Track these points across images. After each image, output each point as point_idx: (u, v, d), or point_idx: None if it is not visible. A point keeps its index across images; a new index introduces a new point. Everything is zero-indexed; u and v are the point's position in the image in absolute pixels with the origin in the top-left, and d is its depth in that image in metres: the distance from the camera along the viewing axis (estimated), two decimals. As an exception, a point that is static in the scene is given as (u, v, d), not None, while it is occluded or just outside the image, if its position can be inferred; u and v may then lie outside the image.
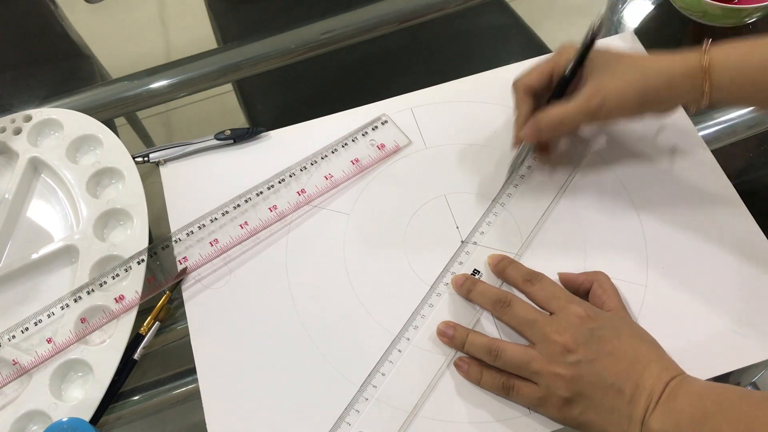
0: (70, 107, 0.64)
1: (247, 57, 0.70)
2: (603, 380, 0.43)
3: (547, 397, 0.45)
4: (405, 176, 0.59)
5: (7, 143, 0.61)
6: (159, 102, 0.67)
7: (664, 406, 0.42)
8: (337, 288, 0.54)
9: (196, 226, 0.56)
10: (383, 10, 0.73)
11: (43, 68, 0.72)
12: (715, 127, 0.62)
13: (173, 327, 0.54)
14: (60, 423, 0.46)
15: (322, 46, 0.70)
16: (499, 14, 0.73)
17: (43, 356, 0.50)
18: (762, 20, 0.67)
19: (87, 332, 0.51)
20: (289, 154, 0.60)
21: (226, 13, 0.79)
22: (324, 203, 0.58)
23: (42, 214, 0.59)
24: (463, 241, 0.55)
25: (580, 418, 0.44)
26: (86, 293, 0.53)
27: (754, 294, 0.52)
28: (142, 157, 0.60)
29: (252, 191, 0.58)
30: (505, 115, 0.61)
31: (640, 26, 0.69)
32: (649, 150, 0.59)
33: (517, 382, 0.46)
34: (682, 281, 0.53)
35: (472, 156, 0.60)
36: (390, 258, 0.55)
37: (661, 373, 0.43)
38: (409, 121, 0.62)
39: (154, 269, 0.54)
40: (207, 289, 0.54)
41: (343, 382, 0.50)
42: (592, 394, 0.43)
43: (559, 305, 0.47)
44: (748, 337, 0.50)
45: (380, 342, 0.51)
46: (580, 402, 0.44)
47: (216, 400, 0.50)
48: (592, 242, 0.55)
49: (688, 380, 0.43)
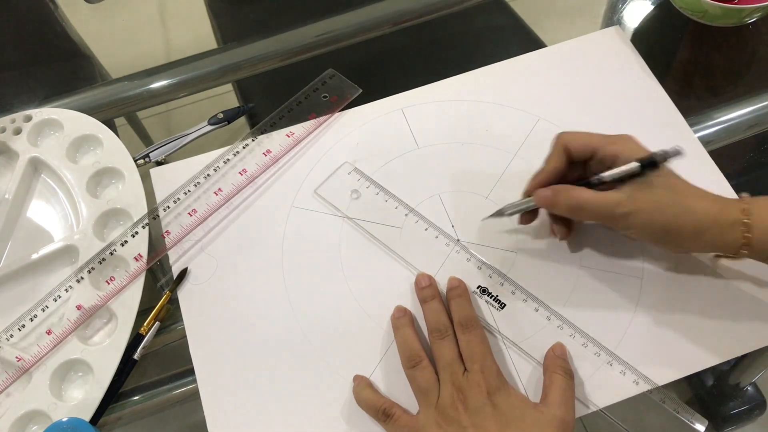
0: (70, 107, 0.64)
1: (247, 57, 0.70)
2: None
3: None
4: (399, 176, 0.59)
5: (7, 143, 0.61)
6: (159, 102, 0.67)
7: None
8: (333, 287, 0.54)
9: (171, 200, 0.58)
10: (383, 10, 0.73)
11: (43, 68, 0.72)
12: (715, 127, 0.62)
13: (173, 327, 0.54)
14: (60, 423, 0.46)
15: (321, 46, 0.70)
16: (499, 14, 0.73)
17: (46, 347, 0.51)
18: (762, 20, 0.67)
19: (84, 319, 0.52)
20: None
21: (226, 13, 0.79)
22: (320, 206, 0.58)
23: (42, 214, 0.59)
24: (458, 240, 0.55)
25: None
26: (76, 281, 0.53)
27: (751, 287, 0.52)
28: (143, 157, 0.60)
29: (218, 160, 0.59)
30: (497, 113, 0.61)
31: (640, 26, 0.69)
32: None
33: (398, 411, 0.47)
34: (679, 276, 0.53)
35: (465, 154, 0.60)
36: (386, 257, 0.55)
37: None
38: (399, 121, 0.62)
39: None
40: (204, 290, 0.54)
41: (340, 381, 0.50)
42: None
43: (472, 367, 0.47)
44: (746, 327, 0.51)
45: (377, 341, 0.51)
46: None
47: (215, 400, 0.50)
48: (588, 242, 0.55)
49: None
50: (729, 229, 0.46)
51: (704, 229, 0.46)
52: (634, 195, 0.46)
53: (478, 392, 0.45)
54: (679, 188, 0.47)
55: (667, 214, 0.46)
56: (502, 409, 0.45)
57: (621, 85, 0.63)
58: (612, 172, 0.47)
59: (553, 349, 0.50)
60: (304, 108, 0.63)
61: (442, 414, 0.45)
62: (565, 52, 0.66)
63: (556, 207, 0.49)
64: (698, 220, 0.46)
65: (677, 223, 0.46)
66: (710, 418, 0.48)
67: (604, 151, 0.48)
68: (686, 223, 0.46)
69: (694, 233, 0.46)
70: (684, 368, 0.49)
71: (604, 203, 0.47)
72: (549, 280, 0.53)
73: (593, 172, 0.49)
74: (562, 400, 0.46)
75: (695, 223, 0.46)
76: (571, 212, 0.49)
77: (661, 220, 0.46)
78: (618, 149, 0.48)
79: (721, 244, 0.47)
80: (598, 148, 0.49)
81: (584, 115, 0.62)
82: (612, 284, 0.53)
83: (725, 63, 0.67)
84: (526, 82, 0.64)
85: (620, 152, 0.47)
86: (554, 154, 0.50)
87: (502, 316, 0.52)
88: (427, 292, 0.52)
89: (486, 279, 0.53)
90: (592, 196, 0.47)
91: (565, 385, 0.47)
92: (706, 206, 0.46)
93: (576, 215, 0.49)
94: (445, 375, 0.47)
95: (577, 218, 0.49)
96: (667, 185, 0.47)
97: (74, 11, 0.78)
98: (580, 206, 0.48)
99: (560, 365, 0.48)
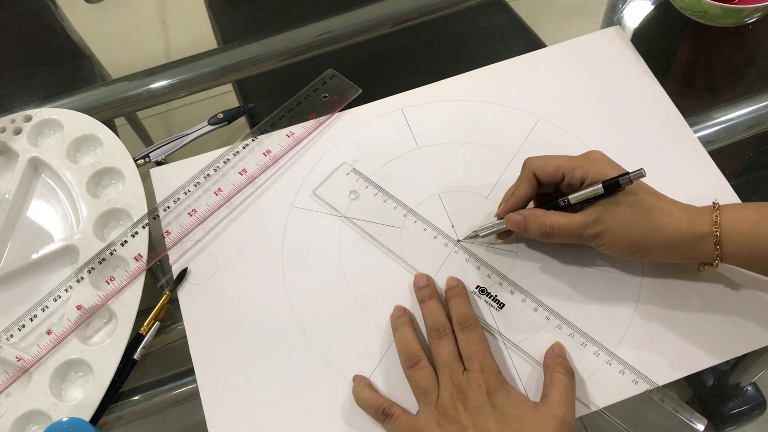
0: (70, 107, 0.64)
1: (247, 57, 0.70)
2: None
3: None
4: (399, 176, 0.59)
5: (7, 143, 0.61)
6: (159, 102, 0.67)
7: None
8: (333, 287, 0.54)
9: (171, 200, 0.57)
10: (383, 10, 0.73)
11: (43, 68, 0.72)
12: (715, 127, 0.62)
13: (173, 327, 0.54)
14: (60, 423, 0.46)
15: (321, 46, 0.70)
16: (499, 14, 0.73)
17: (46, 347, 0.51)
18: (762, 20, 0.67)
19: (84, 319, 0.52)
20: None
21: (226, 13, 0.79)
22: (319, 206, 0.58)
23: (42, 214, 0.59)
24: (458, 240, 0.55)
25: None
26: (76, 281, 0.53)
27: (752, 285, 0.52)
28: (143, 157, 0.60)
29: (218, 160, 0.59)
30: (497, 113, 0.62)
31: (640, 26, 0.69)
32: (646, 152, 0.59)
33: (397, 411, 0.47)
34: (679, 275, 0.53)
35: (465, 154, 0.60)
36: (386, 257, 0.55)
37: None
38: (399, 121, 0.62)
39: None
40: (204, 290, 0.54)
41: (341, 381, 0.50)
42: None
43: (471, 366, 0.47)
44: (746, 327, 0.51)
45: (377, 340, 0.51)
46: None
47: (215, 400, 0.50)
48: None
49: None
50: (701, 242, 0.47)
51: (676, 244, 0.47)
52: (600, 216, 0.47)
53: (477, 391, 0.45)
54: (648, 206, 0.47)
55: (636, 232, 0.47)
56: (502, 409, 0.45)
57: (621, 85, 0.63)
58: (578, 195, 0.49)
59: (553, 348, 0.50)
60: (304, 108, 0.63)
61: (441, 413, 0.45)
62: (565, 52, 0.66)
63: (527, 232, 0.50)
64: (668, 237, 0.47)
65: (647, 240, 0.47)
66: (710, 418, 0.48)
67: (572, 176, 0.49)
68: (657, 240, 0.47)
69: (665, 248, 0.47)
70: (684, 368, 0.49)
71: (572, 226, 0.48)
72: (548, 280, 0.53)
73: (562, 192, 0.50)
74: (563, 400, 0.46)
75: (665, 239, 0.47)
76: (541, 237, 0.50)
77: (630, 239, 0.47)
78: (584, 172, 0.49)
79: (695, 256, 0.48)
80: (566, 172, 0.49)
81: (584, 115, 0.62)
82: (612, 284, 0.53)
83: (725, 63, 0.67)
84: (526, 82, 0.64)
85: (587, 174, 0.48)
86: (523, 180, 0.51)
87: (501, 316, 0.52)
88: (425, 291, 0.52)
89: (485, 279, 0.53)
90: (561, 220, 0.48)
91: (566, 384, 0.47)
92: (674, 222, 0.47)
93: (547, 239, 0.50)
94: (445, 374, 0.47)
95: (550, 241, 0.50)
96: (635, 204, 0.47)
97: (74, 11, 0.78)
98: (550, 231, 0.49)
99: (560, 363, 0.48)
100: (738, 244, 0.46)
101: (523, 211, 0.51)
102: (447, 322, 0.50)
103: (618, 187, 0.47)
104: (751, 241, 0.46)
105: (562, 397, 0.46)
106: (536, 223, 0.49)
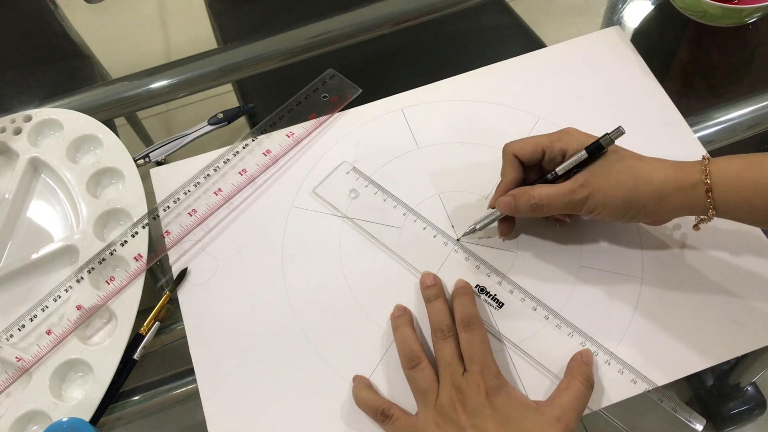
0: (70, 107, 0.64)
1: (247, 57, 0.70)
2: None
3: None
4: (399, 175, 0.59)
5: (7, 143, 0.61)
6: (159, 102, 0.67)
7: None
8: (333, 287, 0.54)
9: (171, 200, 0.57)
10: (383, 10, 0.73)
11: (43, 68, 0.72)
12: (715, 127, 0.62)
13: (173, 327, 0.54)
14: (60, 423, 0.46)
15: (321, 46, 0.70)
16: (499, 14, 0.73)
17: (46, 347, 0.51)
18: (762, 20, 0.67)
19: (84, 319, 0.52)
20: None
21: (226, 13, 0.79)
22: (319, 206, 0.58)
23: (42, 214, 0.59)
24: (458, 239, 0.55)
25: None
26: (76, 281, 0.53)
27: (752, 286, 0.52)
28: (143, 157, 0.60)
29: (218, 160, 0.59)
30: (497, 113, 0.61)
31: (640, 26, 0.69)
32: (646, 152, 0.59)
33: (397, 412, 0.47)
34: (679, 276, 0.53)
35: (465, 154, 0.60)
36: (386, 256, 0.55)
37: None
38: (399, 121, 0.62)
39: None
40: (204, 290, 0.54)
41: (341, 381, 0.50)
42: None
43: (472, 368, 0.47)
44: (746, 327, 0.51)
45: (377, 340, 0.51)
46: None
47: (215, 400, 0.50)
48: (588, 242, 0.55)
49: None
50: (692, 191, 0.46)
51: (666, 195, 0.46)
52: (587, 180, 0.48)
53: (477, 393, 0.45)
54: (633, 162, 0.48)
55: (625, 188, 0.47)
56: (501, 410, 0.45)
57: (621, 85, 0.63)
58: (564, 165, 0.49)
59: (582, 354, 0.49)
60: (304, 108, 0.63)
61: (441, 414, 0.45)
62: (566, 52, 0.66)
63: (518, 210, 0.50)
64: (658, 187, 0.47)
65: (637, 194, 0.47)
66: (710, 418, 0.48)
67: (552, 149, 0.50)
68: (646, 192, 0.47)
69: (656, 201, 0.47)
70: (684, 368, 0.49)
71: (561, 194, 0.48)
72: (548, 279, 0.53)
73: (547, 170, 0.51)
74: (571, 406, 0.46)
75: (655, 190, 0.47)
76: (533, 211, 0.50)
77: (620, 195, 0.47)
78: (564, 144, 0.49)
79: (688, 207, 0.47)
80: (545, 147, 0.50)
81: (584, 115, 0.62)
82: (612, 284, 0.53)
83: (725, 63, 0.67)
84: (526, 82, 0.64)
85: (567, 146, 0.49)
86: (506, 164, 0.52)
87: (501, 315, 0.52)
88: (431, 291, 0.51)
89: (484, 278, 0.53)
90: (549, 190, 0.49)
91: (581, 393, 0.46)
92: (664, 172, 0.47)
93: (539, 212, 0.50)
94: (445, 375, 0.47)
95: (542, 215, 0.50)
96: (620, 161, 0.48)
97: (74, 11, 0.78)
98: (539, 203, 0.49)
99: (584, 372, 0.48)
100: (727, 191, 0.45)
101: (512, 191, 0.51)
102: (452, 324, 0.49)
103: (601, 149, 0.48)
104: (740, 187, 0.45)
105: (571, 403, 0.46)
106: (525, 198, 0.50)
